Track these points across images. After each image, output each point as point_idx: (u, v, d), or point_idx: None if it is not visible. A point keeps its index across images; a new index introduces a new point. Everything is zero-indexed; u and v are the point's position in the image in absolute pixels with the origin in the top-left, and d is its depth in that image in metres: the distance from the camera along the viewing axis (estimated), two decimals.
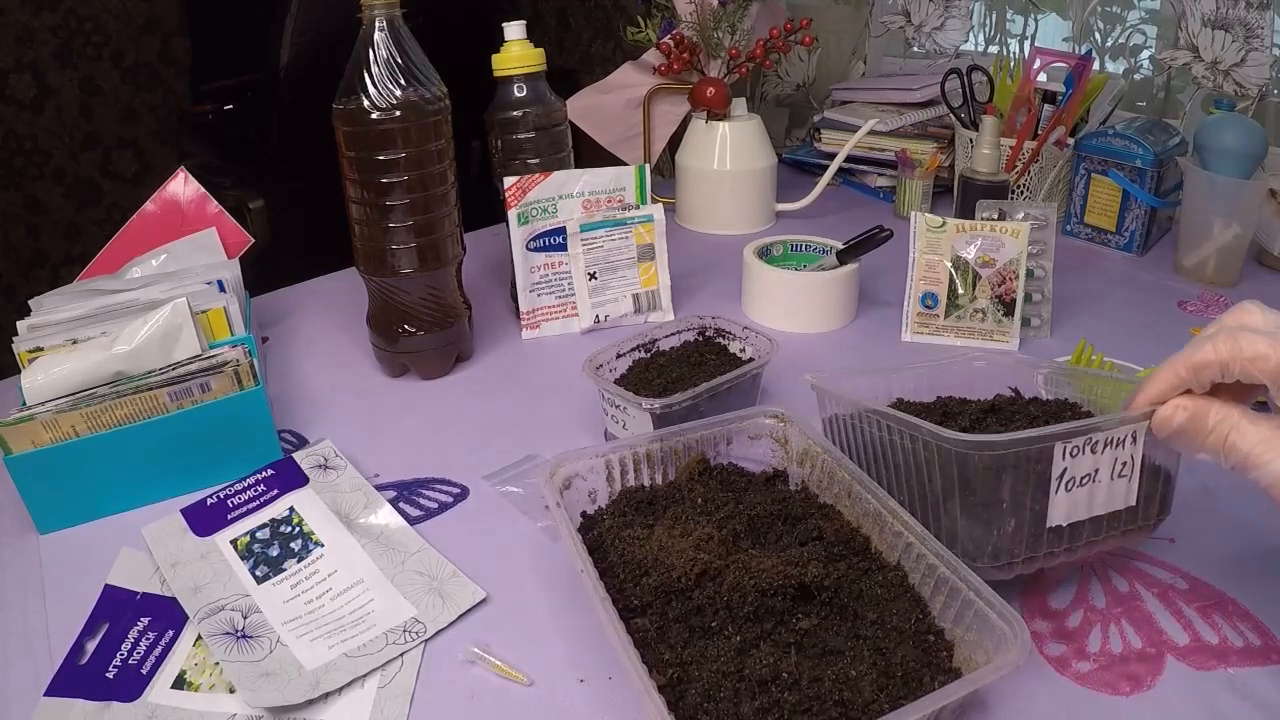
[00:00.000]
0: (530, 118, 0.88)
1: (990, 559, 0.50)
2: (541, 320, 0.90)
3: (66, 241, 2.43)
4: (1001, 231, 0.83)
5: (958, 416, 0.58)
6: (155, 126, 2.46)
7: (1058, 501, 0.49)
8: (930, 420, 0.56)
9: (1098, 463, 0.49)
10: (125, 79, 2.38)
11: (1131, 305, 0.93)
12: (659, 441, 0.59)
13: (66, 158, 2.36)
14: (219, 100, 2.04)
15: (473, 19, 1.52)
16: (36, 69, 2.24)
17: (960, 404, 0.61)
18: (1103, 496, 0.50)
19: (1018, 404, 0.59)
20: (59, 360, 0.64)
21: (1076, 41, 1.23)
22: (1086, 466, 0.48)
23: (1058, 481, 0.48)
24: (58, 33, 2.25)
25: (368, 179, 0.73)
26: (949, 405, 0.61)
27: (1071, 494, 0.49)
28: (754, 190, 1.16)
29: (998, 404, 0.59)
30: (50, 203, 2.37)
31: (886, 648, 0.46)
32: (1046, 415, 0.57)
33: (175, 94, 2.44)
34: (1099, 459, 0.49)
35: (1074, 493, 0.49)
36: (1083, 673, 0.50)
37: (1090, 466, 0.49)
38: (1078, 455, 0.48)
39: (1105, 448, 0.48)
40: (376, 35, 0.70)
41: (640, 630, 0.47)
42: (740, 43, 1.15)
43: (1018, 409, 0.58)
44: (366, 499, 0.64)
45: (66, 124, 2.33)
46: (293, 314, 0.96)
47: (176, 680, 0.51)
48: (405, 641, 0.53)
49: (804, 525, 0.54)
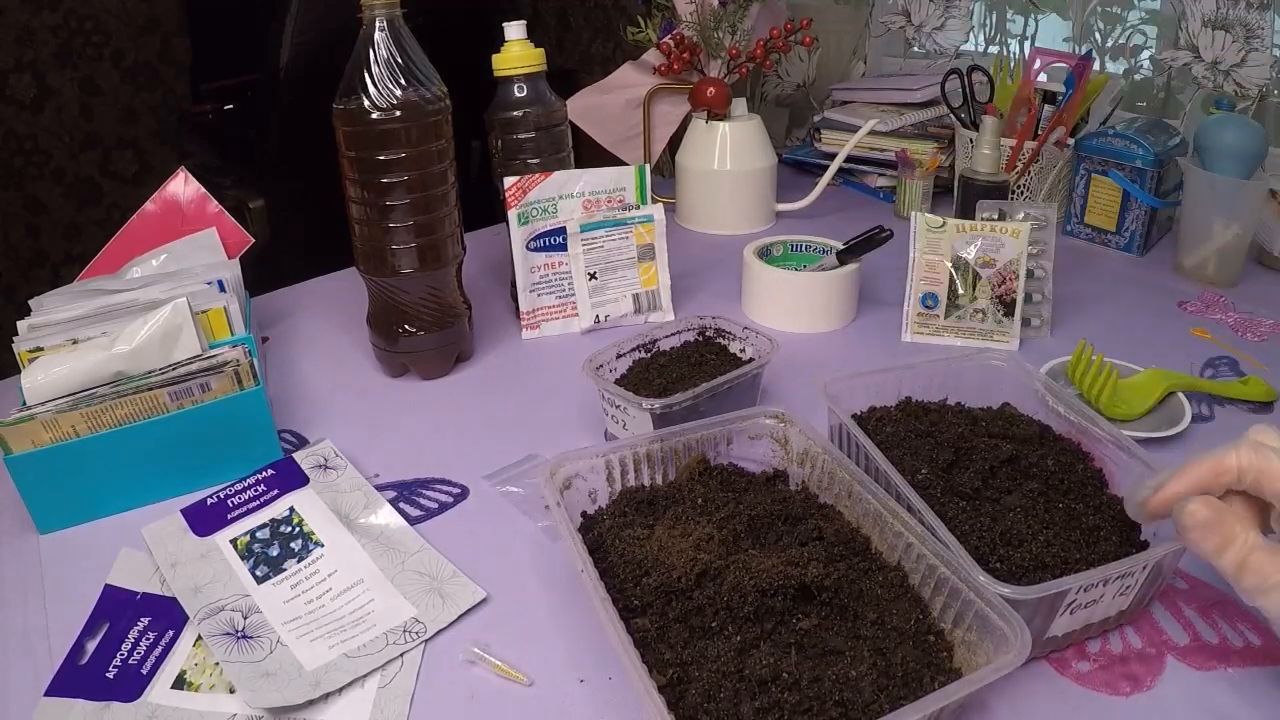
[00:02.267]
0: (530, 118, 0.88)
1: None
2: (541, 320, 0.90)
3: (66, 241, 2.43)
4: (1001, 232, 0.83)
5: (966, 468, 0.56)
6: (155, 126, 2.46)
7: (1059, 624, 0.48)
8: (937, 467, 0.56)
9: (1105, 590, 0.48)
10: (125, 79, 2.38)
11: (1131, 305, 0.93)
12: (659, 441, 0.59)
13: (66, 158, 2.36)
14: (219, 100, 2.04)
15: (473, 19, 1.52)
16: (36, 69, 2.24)
17: (968, 441, 0.59)
18: (1101, 611, 0.49)
19: (1032, 454, 0.58)
20: (59, 360, 0.64)
21: (1076, 42, 1.23)
22: (1095, 593, 0.48)
23: (1065, 606, 0.47)
24: (58, 33, 2.25)
25: (368, 179, 0.73)
26: (958, 441, 0.58)
27: (1074, 615, 0.48)
28: (754, 190, 1.16)
29: (1014, 455, 0.57)
30: (50, 203, 2.37)
31: (887, 648, 0.46)
32: (1062, 472, 0.56)
33: (175, 94, 2.44)
34: (1107, 589, 0.48)
35: (1076, 614, 0.48)
36: (1083, 673, 0.50)
37: (1099, 593, 0.48)
38: (1090, 589, 0.47)
39: (1119, 578, 0.48)
40: (376, 35, 0.70)
41: (640, 630, 0.47)
42: (740, 43, 1.15)
43: (1035, 463, 0.57)
44: (366, 499, 0.64)
45: (66, 124, 2.33)
46: (293, 314, 0.96)
47: (176, 680, 0.51)
48: (405, 641, 0.53)
49: (804, 525, 0.54)
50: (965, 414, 0.63)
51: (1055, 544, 0.50)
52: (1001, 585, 0.45)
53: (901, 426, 0.61)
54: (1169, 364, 0.78)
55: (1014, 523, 0.52)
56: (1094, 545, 0.51)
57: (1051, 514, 0.53)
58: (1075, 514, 0.53)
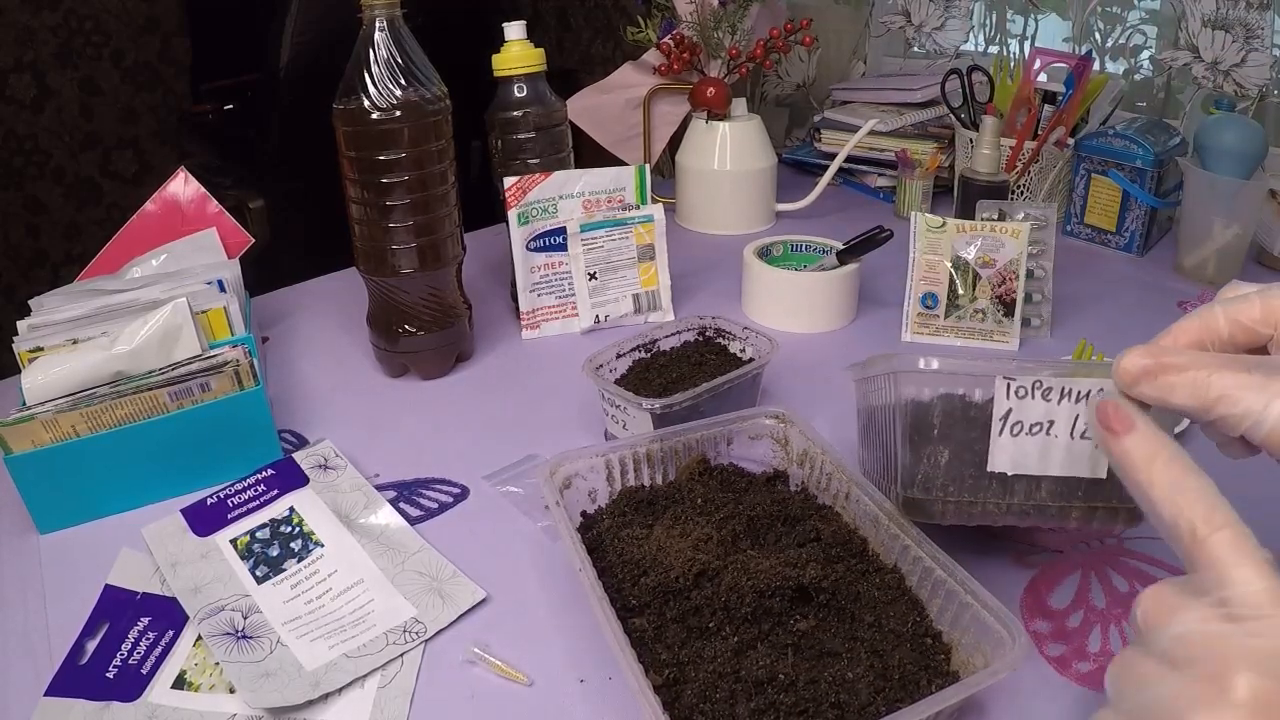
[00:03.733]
0: (530, 118, 0.88)
1: (921, 489, 0.48)
2: (541, 320, 0.90)
3: (66, 241, 2.43)
4: (1001, 232, 0.83)
5: None
6: (155, 126, 2.46)
7: (1001, 445, 0.46)
8: None
9: (1052, 413, 0.45)
10: (125, 79, 2.38)
11: (1131, 305, 0.93)
12: (659, 441, 0.59)
13: (66, 158, 2.36)
14: (219, 100, 2.04)
15: (473, 19, 1.52)
16: (36, 69, 2.24)
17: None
18: (1060, 456, 0.46)
19: None
20: (59, 360, 0.64)
21: (1076, 42, 1.23)
22: (1037, 414, 0.45)
23: (1000, 423, 0.45)
24: (58, 33, 2.25)
25: (368, 179, 0.73)
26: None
27: (1018, 441, 0.46)
28: (754, 190, 1.16)
29: None
30: (50, 203, 2.38)
31: (884, 650, 0.46)
32: None
33: (175, 94, 2.44)
34: (1053, 409, 0.45)
35: (1021, 440, 0.46)
36: (1083, 673, 0.50)
37: (1042, 415, 0.45)
38: (1025, 397, 0.45)
39: (1062, 398, 0.45)
40: (376, 35, 0.70)
41: (638, 630, 0.47)
42: (740, 43, 1.15)
43: None
44: (366, 499, 0.65)
45: (66, 124, 2.33)
46: (293, 314, 0.96)
47: (176, 680, 0.51)
48: (405, 641, 0.53)
49: (803, 526, 0.54)
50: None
51: None
52: None
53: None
54: None
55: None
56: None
57: None
58: None
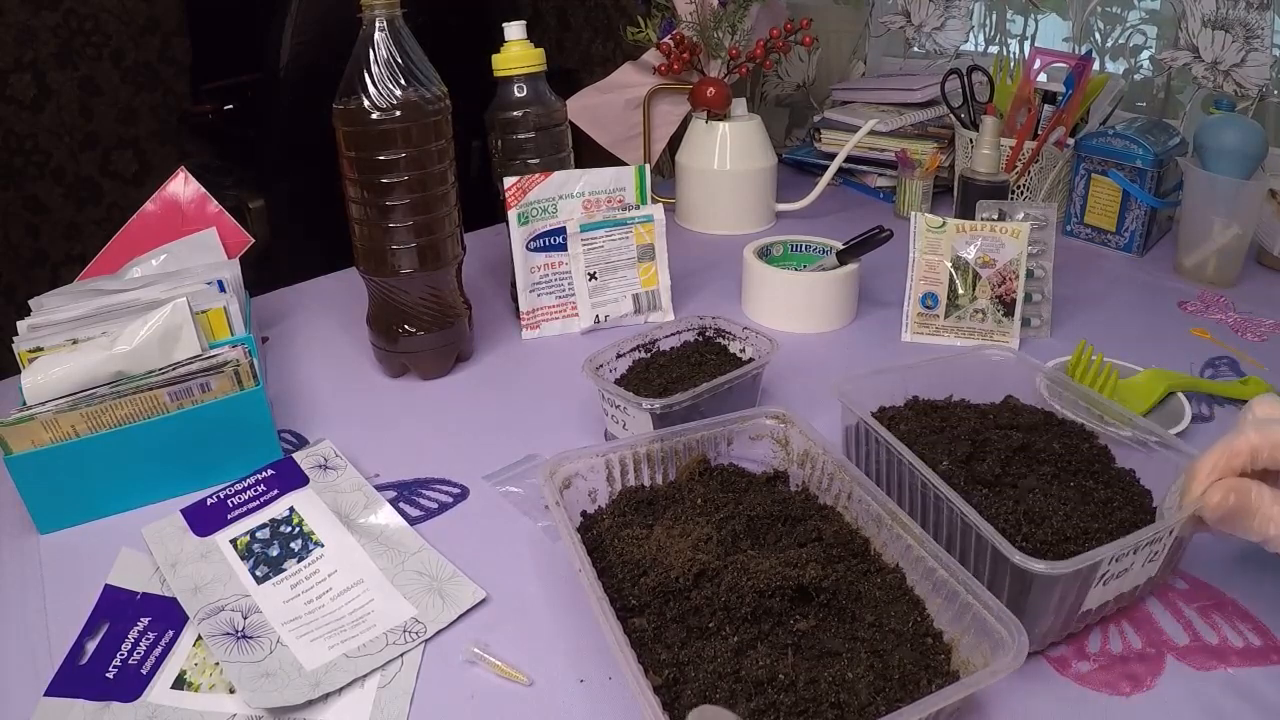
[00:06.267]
0: (530, 118, 0.88)
1: None
2: (541, 320, 0.90)
3: (66, 241, 2.42)
4: (1001, 232, 0.83)
5: (984, 458, 0.58)
6: (155, 126, 2.45)
7: (1094, 595, 0.49)
8: (956, 459, 0.57)
9: (1135, 558, 0.49)
10: (125, 79, 2.37)
11: (1131, 305, 0.93)
12: (659, 441, 0.59)
13: (66, 157, 2.35)
14: (219, 100, 2.04)
15: (473, 19, 1.52)
16: (36, 69, 2.24)
17: (981, 434, 0.60)
18: (1131, 578, 0.50)
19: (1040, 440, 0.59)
20: (59, 360, 0.64)
21: (1076, 42, 1.23)
22: (1126, 561, 0.49)
23: (1099, 578, 0.48)
24: (58, 33, 2.25)
25: (368, 179, 0.73)
26: (973, 434, 0.59)
27: (1106, 587, 0.49)
28: (754, 190, 1.16)
29: (1025, 443, 0.59)
30: (50, 203, 2.37)
31: (884, 650, 0.46)
32: (1069, 453, 0.58)
33: (175, 94, 2.44)
34: (1138, 555, 0.49)
35: (1109, 585, 0.49)
36: (1083, 673, 0.50)
37: (1129, 561, 0.49)
38: (1120, 559, 0.48)
39: (1148, 544, 0.49)
40: (376, 35, 0.70)
41: (637, 630, 0.47)
42: (740, 43, 1.15)
43: (1044, 447, 0.58)
44: (366, 499, 0.64)
45: (66, 124, 2.32)
46: (293, 314, 0.96)
47: (176, 680, 0.51)
48: (405, 641, 0.53)
49: (803, 526, 0.54)
50: (973, 409, 0.64)
51: (1074, 517, 0.52)
52: (1036, 562, 0.45)
53: (915, 424, 0.62)
54: (1169, 364, 0.78)
55: (1034, 503, 0.53)
56: (1110, 515, 0.53)
57: (1066, 492, 0.55)
58: (1087, 490, 0.55)
